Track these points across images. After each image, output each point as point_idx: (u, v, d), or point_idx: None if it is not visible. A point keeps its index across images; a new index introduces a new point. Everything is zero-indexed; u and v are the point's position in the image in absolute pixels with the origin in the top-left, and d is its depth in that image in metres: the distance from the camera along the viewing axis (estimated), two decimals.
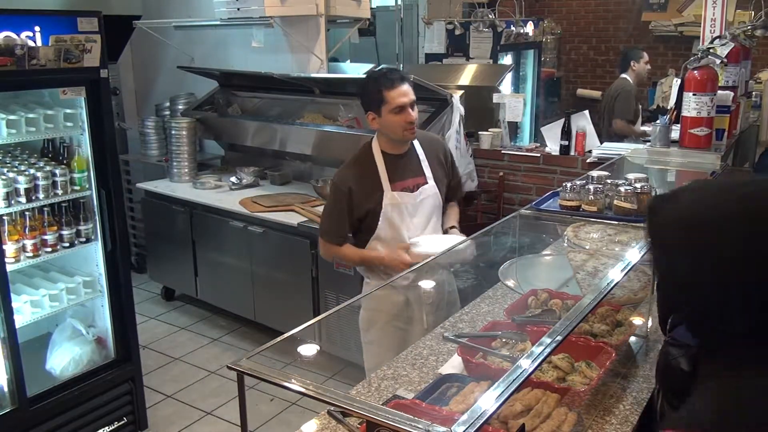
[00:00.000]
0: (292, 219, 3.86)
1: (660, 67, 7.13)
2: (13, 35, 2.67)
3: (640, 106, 5.29)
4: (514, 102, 4.27)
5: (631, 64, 5.45)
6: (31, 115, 2.88)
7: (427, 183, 2.63)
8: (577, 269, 2.26)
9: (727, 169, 3.10)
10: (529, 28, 6.46)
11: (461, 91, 3.87)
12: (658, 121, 3.24)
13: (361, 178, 2.57)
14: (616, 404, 1.71)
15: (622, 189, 2.19)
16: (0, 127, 2.79)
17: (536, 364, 1.23)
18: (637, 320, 2.04)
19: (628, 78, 5.46)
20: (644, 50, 5.65)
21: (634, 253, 1.83)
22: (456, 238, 2.54)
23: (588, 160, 3.79)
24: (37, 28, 2.73)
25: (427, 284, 2.51)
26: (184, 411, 3.57)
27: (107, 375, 3.15)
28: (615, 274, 1.67)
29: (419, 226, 2.60)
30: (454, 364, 1.86)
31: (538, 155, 4.07)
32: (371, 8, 5.00)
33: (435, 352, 2.01)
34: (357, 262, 2.74)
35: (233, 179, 4.58)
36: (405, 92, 2.47)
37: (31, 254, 2.95)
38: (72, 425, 3.00)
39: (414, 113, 2.51)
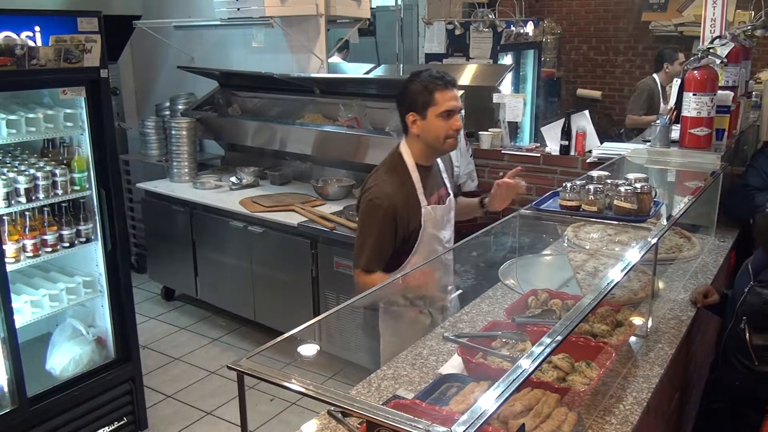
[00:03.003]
0: (292, 219, 3.86)
1: None
2: (13, 35, 2.67)
3: (664, 105, 5.28)
4: (514, 102, 4.26)
5: (665, 66, 5.42)
6: (31, 115, 2.88)
7: (449, 194, 2.53)
8: (577, 269, 2.26)
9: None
10: (529, 28, 6.46)
11: (461, 91, 3.85)
12: (658, 121, 3.24)
13: (403, 195, 2.35)
14: (616, 404, 1.71)
15: (622, 189, 2.19)
16: (0, 127, 2.79)
17: (536, 364, 1.22)
18: (637, 320, 2.04)
19: (656, 78, 5.46)
20: (676, 49, 5.56)
21: (634, 253, 1.83)
22: None
23: (588, 160, 3.78)
24: (37, 28, 2.73)
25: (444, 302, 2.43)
26: (184, 411, 3.57)
27: (107, 375, 3.15)
28: (615, 274, 1.67)
29: (447, 238, 2.49)
30: (454, 364, 1.86)
31: (538, 155, 4.07)
32: (371, 8, 5.00)
33: (435, 352, 2.01)
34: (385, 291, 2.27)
35: (233, 179, 4.58)
36: (455, 97, 2.33)
37: (31, 254, 2.95)
38: (72, 425, 3.00)
39: (460, 123, 2.34)
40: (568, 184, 2.31)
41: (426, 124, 2.30)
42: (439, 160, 2.51)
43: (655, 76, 5.53)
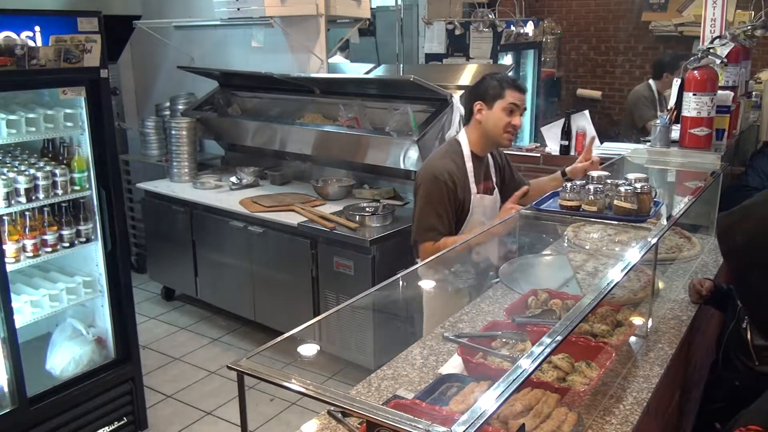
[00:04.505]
0: (292, 219, 3.86)
1: None
2: (13, 35, 2.67)
3: (660, 113, 5.09)
4: None
5: (664, 76, 5.17)
6: (31, 115, 2.88)
7: (495, 188, 2.74)
8: (577, 269, 2.26)
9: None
10: (529, 28, 6.46)
11: (461, 91, 3.87)
12: (658, 121, 3.24)
13: (457, 173, 2.58)
14: (616, 404, 1.71)
15: (622, 189, 2.19)
16: (0, 127, 2.79)
17: (536, 364, 1.22)
18: (637, 320, 2.04)
19: (652, 85, 5.22)
20: (679, 58, 5.12)
21: (634, 253, 1.83)
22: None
23: None
24: (37, 28, 2.73)
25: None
26: (184, 411, 3.57)
27: (107, 375, 3.15)
28: (615, 274, 1.67)
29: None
30: (454, 364, 1.86)
31: (538, 155, 4.07)
32: (371, 8, 5.00)
33: (435, 352, 2.01)
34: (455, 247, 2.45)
35: (233, 179, 4.58)
36: (522, 98, 2.59)
37: (31, 254, 2.94)
38: (72, 425, 3.00)
39: (520, 121, 2.59)
40: (568, 184, 2.31)
41: (490, 114, 2.57)
42: (490, 158, 2.75)
43: (651, 82, 5.27)
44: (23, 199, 2.87)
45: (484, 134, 2.61)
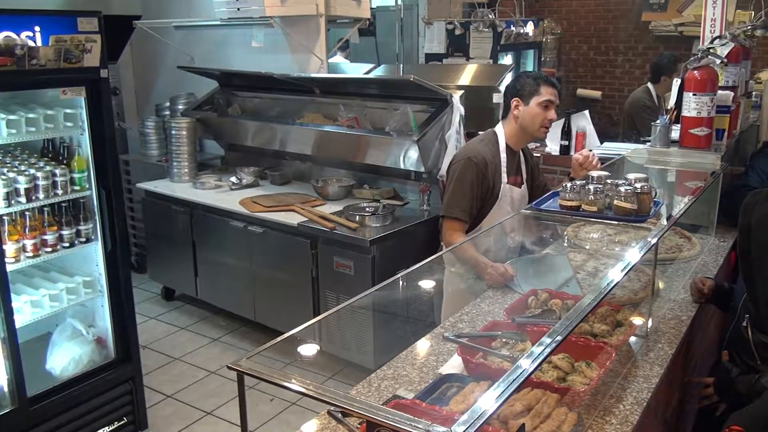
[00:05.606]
0: (292, 219, 3.86)
1: None
2: (13, 35, 2.67)
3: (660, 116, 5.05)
4: None
5: (662, 79, 5.16)
6: (31, 115, 2.88)
7: (524, 184, 2.91)
8: (577, 269, 2.26)
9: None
10: (529, 28, 6.47)
11: (461, 91, 3.87)
12: (658, 121, 3.24)
13: (490, 158, 2.75)
14: (616, 404, 1.71)
15: (622, 189, 2.19)
16: (0, 127, 2.79)
17: (536, 364, 1.22)
18: (637, 320, 2.04)
19: (651, 89, 5.20)
20: (676, 60, 5.18)
21: (634, 253, 1.83)
22: None
23: None
24: (37, 28, 2.73)
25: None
26: (184, 411, 3.57)
27: (107, 375, 3.15)
28: (615, 274, 1.67)
29: None
30: (454, 364, 1.86)
31: (538, 155, 4.07)
32: (371, 8, 5.00)
33: (435, 352, 2.01)
34: (465, 260, 2.60)
35: (233, 179, 4.58)
36: (555, 94, 2.74)
37: (31, 254, 2.94)
38: (72, 425, 3.00)
39: (555, 115, 2.74)
40: (568, 184, 2.31)
41: (527, 110, 2.73)
42: (522, 156, 2.92)
43: (650, 86, 5.25)
44: (23, 199, 2.87)
45: (521, 128, 2.77)
